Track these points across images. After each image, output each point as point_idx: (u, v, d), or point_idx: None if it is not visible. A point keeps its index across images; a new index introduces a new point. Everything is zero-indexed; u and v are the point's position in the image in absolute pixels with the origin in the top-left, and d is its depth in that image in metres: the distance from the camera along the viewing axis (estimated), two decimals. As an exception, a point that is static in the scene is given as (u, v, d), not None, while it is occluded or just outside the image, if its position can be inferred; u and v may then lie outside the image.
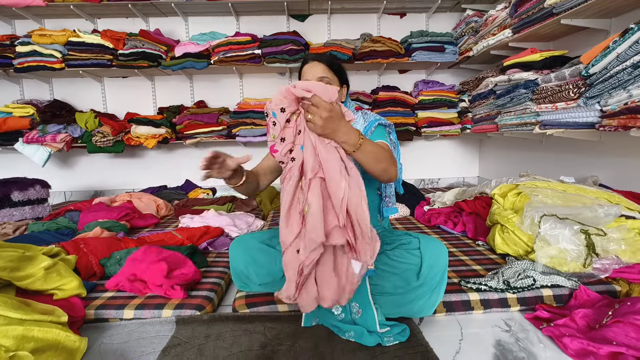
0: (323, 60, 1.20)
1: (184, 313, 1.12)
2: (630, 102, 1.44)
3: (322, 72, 1.18)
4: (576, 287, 1.17)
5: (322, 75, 1.17)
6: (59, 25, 3.16)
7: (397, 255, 1.12)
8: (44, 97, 3.34)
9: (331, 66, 1.20)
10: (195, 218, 2.05)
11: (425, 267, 1.07)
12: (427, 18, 3.40)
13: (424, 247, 1.10)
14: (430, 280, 1.08)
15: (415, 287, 1.08)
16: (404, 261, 1.10)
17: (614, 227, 1.26)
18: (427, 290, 1.08)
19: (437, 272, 1.08)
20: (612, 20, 1.95)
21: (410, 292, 1.08)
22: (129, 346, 0.99)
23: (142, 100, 3.42)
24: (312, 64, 1.20)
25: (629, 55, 1.41)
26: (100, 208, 2.21)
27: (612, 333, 0.92)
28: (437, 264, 1.08)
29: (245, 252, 1.21)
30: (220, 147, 3.50)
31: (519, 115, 2.24)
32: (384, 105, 3.15)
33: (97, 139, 3.02)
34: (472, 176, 3.74)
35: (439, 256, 1.09)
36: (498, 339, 1.02)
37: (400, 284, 1.09)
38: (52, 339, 0.87)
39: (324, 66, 1.19)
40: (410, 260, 1.10)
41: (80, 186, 3.53)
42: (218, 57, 2.97)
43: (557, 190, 1.54)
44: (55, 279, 1.11)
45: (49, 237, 1.77)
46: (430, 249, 1.10)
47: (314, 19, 3.38)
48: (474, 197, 1.98)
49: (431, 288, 1.08)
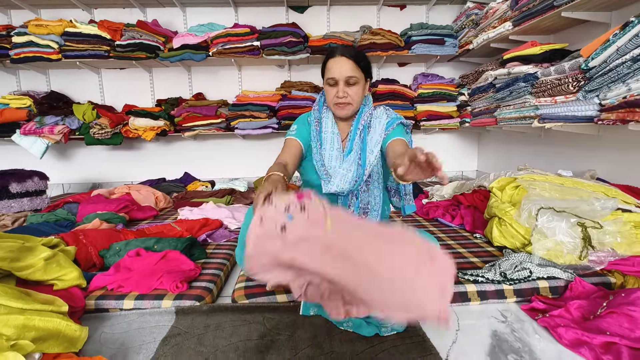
0: (351, 55, 1.13)
1: (183, 304, 1.12)
2: (629, 95, 1.44)
3: (350, 70, 1.13)
4: (572, 279, 1.18)
5: (350, 74, 1.13)
6: (55, 16, 3.13)
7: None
8: (40, 89, 3.31)
9: (359, 62, 1.15)
10: (195, 210, 2.05)
11: None
12: (427, 10, 3.38)
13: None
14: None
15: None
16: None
17: (610, 220, 1.28)
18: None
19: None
20: (612, 13, 1.94)
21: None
22: (130, 335, 1.00)
23: (140, 92, 3.40)
24: (339, 60, 1.14)
25: (628, 49, 1.41)
26: (99, 200, 2.22)
27: (606, 323, 0.93)
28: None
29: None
30: (218, 139, 3.50)
31: (518, 109, 2.24)
32: (383, 98, 3.14)
33: (95, 131, 3.01)
34: (470, 169, 3.75)
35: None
36: (494, 330, 1.03)
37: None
38: (53, 328, 0.87)
39: (353, 63, 1.13)
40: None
41: (78, 178, 3.52)
42: (216, 49, 2.95)
43: (554, 184, 1.55)
44: (55, 270, 1.11)
45: (48, 228, 1.77)
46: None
47: (313, 10, 3.35)
48: (472, 190, 1.99)
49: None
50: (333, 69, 1.14)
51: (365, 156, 1.20)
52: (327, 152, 1.23)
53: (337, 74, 1.14)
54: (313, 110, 1.29)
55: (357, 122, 1.24)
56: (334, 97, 1.18)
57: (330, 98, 1.20)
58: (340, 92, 1.16)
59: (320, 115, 1.27)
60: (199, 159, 3.52)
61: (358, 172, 1.19)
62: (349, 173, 1.18)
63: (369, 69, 1.21)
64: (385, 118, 1.23)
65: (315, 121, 1.26)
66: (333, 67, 1.15)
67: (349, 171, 1.18)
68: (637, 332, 0.89)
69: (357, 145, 1.21)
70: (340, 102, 1.18)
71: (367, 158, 1.20)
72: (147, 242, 1.44)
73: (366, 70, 1.20)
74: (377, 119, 1.24)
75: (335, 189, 1.18)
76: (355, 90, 1.17)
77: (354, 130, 1.23)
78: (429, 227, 1.91)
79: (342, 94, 1.16)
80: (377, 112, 1.27)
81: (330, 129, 1.25)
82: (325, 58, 1.20)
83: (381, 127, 1.22)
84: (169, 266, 1.26)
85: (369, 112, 1.25)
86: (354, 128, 1.23)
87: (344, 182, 1.18)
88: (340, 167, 1.20)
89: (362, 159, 1.20)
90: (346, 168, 1.19)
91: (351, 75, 1.13)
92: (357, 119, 1.24)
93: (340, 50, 1.15)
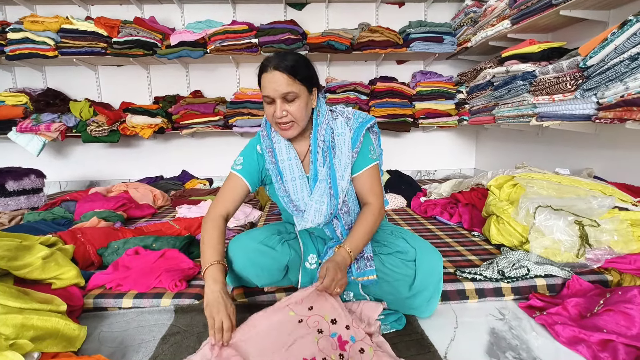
0: (286, 68, 0.96)
1: (182, 302, 1.12)
2: (626, 94, 1.45)
3: (285, 85, 0.97)
4: (569, 277, 1.19)
5: (286, 90, 0.97)
6: (51, 12, 3.10)
7: (391, 263, 1.05)
8: (37, 86, 3.29)
9: (296, 74, 0.98)
10: (193, 208, 2.05)
11: (419, 281, 1.02)
12: (425, 8, 3.37)
13: (419, 260, 1.03)
14: (423, 291, 1.03)
15: (406, 297, 1.04)
16: (397, 271, 1.04)
17: (607, 218, 1.28)
18: (422, 301, 1.04)
19: (431, 283, 1.03)
20: (610, 12, 1.94)
21: (401, 300, 1.05)
22: (128, 334, 1.00)
23: (137, 90, 3.39)
24: (272, 75, 0.97)
25: (626, 47, 1.41)
26: (97, 198, 2.21)
27: (602, 321, 0.94)
28: (431, 277, 1.03)
29: (244, 254, 1.07)
30: (216, 137, 3.49)
31: (516, 107, 2.25)
32: (382, 96, 3.14)
33: (92, 129, 2.99)
34: (468, 167, 3.76)
35: (434, 270, 1.03)
36: (492, 327, 1.04)
37: (390, 290, 1.05)
38: (51, 327, 0.87)
39: (287, 77, 0.97)
40: (404, 271, 1.03)
41: (75, 176, 3.51)
42: (214, 46, 2.93)
43: (552, 182, 1.55)
44: (54, 268, 1.11)
45: (46, 227, 1.77)
46: (427, 262, 1.03)
47: (311, 7, 3.34)
48: (470, 188, 1.99)
49: (426, 298, 1.04)
50: (267, 87, 0.99)
51: (337, 184, 1.06)
52: (290, 183, 1.09)
53: (272, 92, 0.98)
54: (262, 137, 1.12)
55: (315, 141, 1.08)
56: (272, 116, 1.02)
57: (269, 117, 1.05)
58: (278, 112, 1.00)
59: (271, 143, 1.11)
60: (197, 157, 3.51)
61: (332, 203, 1.06)
62: (322, 206, 1.06)
63: (311, 79, 1.04)
64: (349, 132, 1.09)
65: (268, 151, 1.10)
66: (267, 85, 0.99)
67: (322, 204, 1.06)
68: (633, 329, 0.90)
69: (323, 174, 1.06)
70: (281, 122, 1.02)
71: (339, 185, 1.06)
72: (145, 240, 1.44)
73: (307, 81, 1.02)
74: (341, 136, 1.09)
75: (310, 225, 1.07)
76: (296, 107, 1.00)
77: (314, 152, 1.08)
78: (427, 225, 1.92)
79: (281, 113, 1.00)
80: (337, 125, 1.10)
81: (286, 155, 1.10)
82: (258, 73, 1.03)
83: (347, 147, 1.08)
84: (168, 264, 1.26)
85: (324, 126, 1.09)
86: (313, 149, 1.08)
87: (318, 217, 1.06)
88: (310, 198, 1.07)
89: (334, 189, 1.06)
90: (317, 200, 1.06)
91: (288, 91, 0.97)
92: (314, 138, 1.08)
93: (273, 63, 0.98)
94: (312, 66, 1.06)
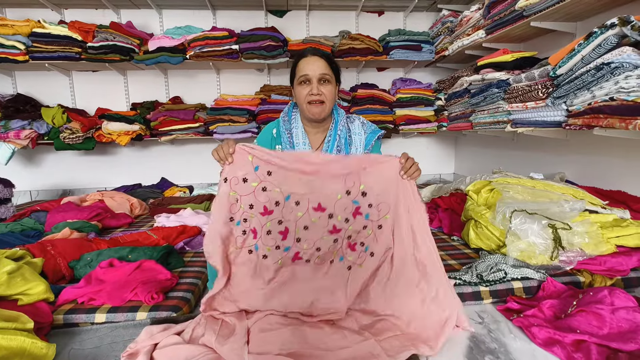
0: (323, 55, 1.13)
1: (159, 315, 1.09)
2: (593, 102, 1.52)
3: (324, 67, 1.12)
4: (544, 279, 1.22)
5: (324, 71, 1.12)
6: (22, 15, 2.99)
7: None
8: (6, 91, 3.15)
9: (330, 63, 1.15)
10: (172, 217, 2.00)
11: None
12: (404, 17, 3.45)
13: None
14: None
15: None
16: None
17: (579, 221, 1.33)
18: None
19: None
20: (577, 24, 2.04)
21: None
22: (101, 351, 0.96)
23: (114, 96, 3.29)
24: (312, 59, 1.13)
25: (592, 58, 1.48)
26: (69, 208, 2.12)
27: (576, 322, 0.97)
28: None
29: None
30: (196, 144, 3.43)
31: (492, 114, 2.32)
32: (363, 102, 3.17)
33: (65, 136, 2.88)
34: (448, 173, 3.84)
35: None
36: (471, 331, 1.05)
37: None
38: (16, 347, 0.82)
39: (324, 62, 1.13)
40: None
41: (47, 185, 3.36)
42: (194, 52, 2.90)
43: (526, 187, 1.60)
44: (20, 284, 1.05)
45: (13, 239, 1.68)
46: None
47: (292, 14, 3.35)
48: (450, 193, 2.03)
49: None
50: (306, 68, 1.13)
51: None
52: None
53: (311, 72, 1.12)
54: (283, 121, 1.23)
55: (335, 131, 1.20)
56: (307, 95, 1.14)
57: (302, 97, 1.16)
58: (314, 89, 1.13)
59: (290, 126, 1.23)
60: (176, 164, 3.43)
61: None
62: None
63: (339, 73, 1.20)
64: (363, 134, 1.21)
65: (287, 133, 1.21)
66: (306, 66, 1.13)
67: None
68: (604, 329, 0.93)
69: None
70: (315, 100, 1.14)
71: None
72: (120, 251, 1.39)
73: (336, 72, 1.18)
74: (357, 135, 1.21)
75: None
76: (329, 89, 1.15)
77: (332, 142, 1.19)
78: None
79: (317, 90, 1.13)
80: (354, 125, 1.23)
81: (302, 140, 1.21)
82: (295, 60, 1.17)
83: (362, 146, 1.20)
84: (144, 276, 1.22)
85: (343, 122, 1.22)
86: (332, 139, 1.19)
87: None
88: None
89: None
90: None
91: (325, 72, 1.12)
92: (334, 130, 1.20)
93: (311, 50, 1.16)
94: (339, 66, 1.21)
